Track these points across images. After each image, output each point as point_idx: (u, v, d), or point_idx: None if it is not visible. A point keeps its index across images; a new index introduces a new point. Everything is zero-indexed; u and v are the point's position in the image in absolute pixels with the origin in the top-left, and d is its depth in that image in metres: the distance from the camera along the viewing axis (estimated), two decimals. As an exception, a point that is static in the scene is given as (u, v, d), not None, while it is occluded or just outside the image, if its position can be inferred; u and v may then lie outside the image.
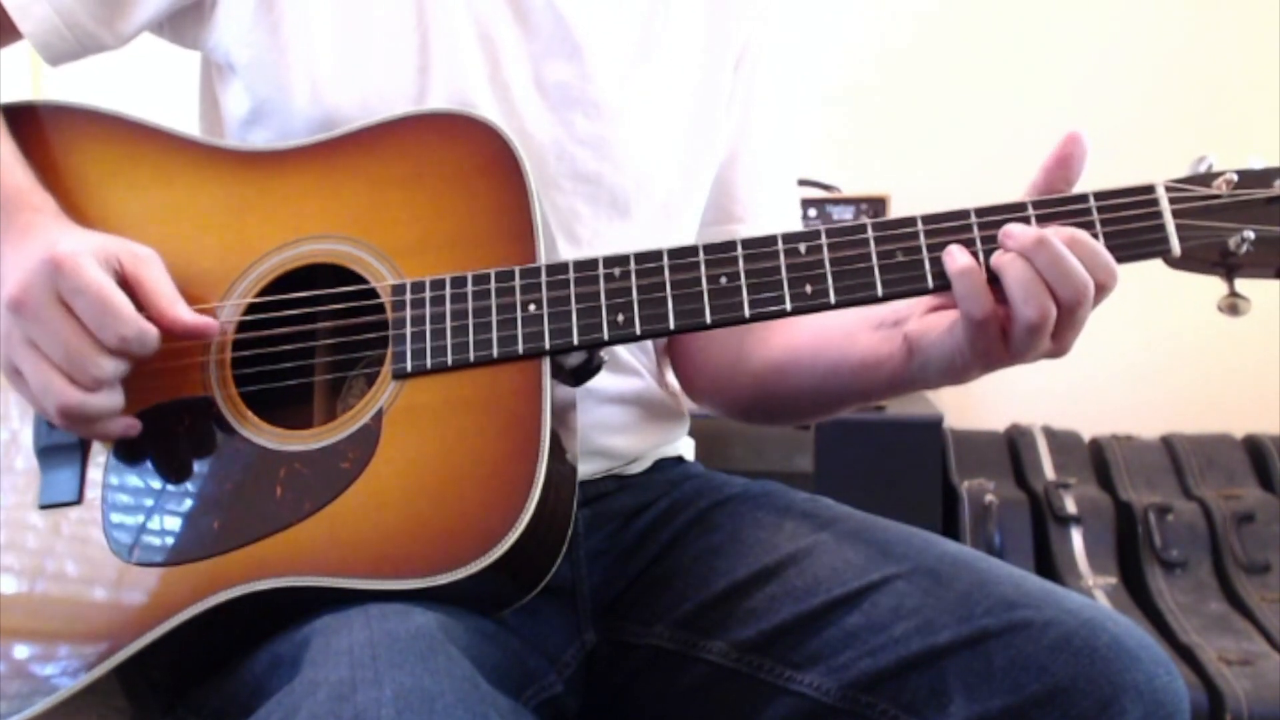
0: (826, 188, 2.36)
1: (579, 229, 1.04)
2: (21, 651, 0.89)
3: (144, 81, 1.78)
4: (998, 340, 0.86)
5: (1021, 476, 2.44)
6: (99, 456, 0.93)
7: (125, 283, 0.87)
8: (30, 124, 1.01)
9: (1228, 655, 2.02)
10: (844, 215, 2.36)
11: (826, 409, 1.10)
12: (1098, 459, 2.48)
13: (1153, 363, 2.63)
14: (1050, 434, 2.51)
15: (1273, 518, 2.29)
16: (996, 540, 2.26)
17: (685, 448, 1.18)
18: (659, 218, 1.08)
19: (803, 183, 2.34)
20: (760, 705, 0.95)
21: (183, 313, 0.89)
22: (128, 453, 0.93)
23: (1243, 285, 0.87)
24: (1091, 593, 2.20)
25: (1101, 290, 0.84)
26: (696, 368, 1.16)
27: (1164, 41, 2.62)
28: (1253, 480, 2.41)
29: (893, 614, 0.91)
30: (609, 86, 1.05)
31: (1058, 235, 0.83)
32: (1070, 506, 2.31)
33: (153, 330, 0.87)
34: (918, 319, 0.93)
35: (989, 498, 2.30)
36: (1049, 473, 2.43)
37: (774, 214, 1.15)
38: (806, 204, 2.32)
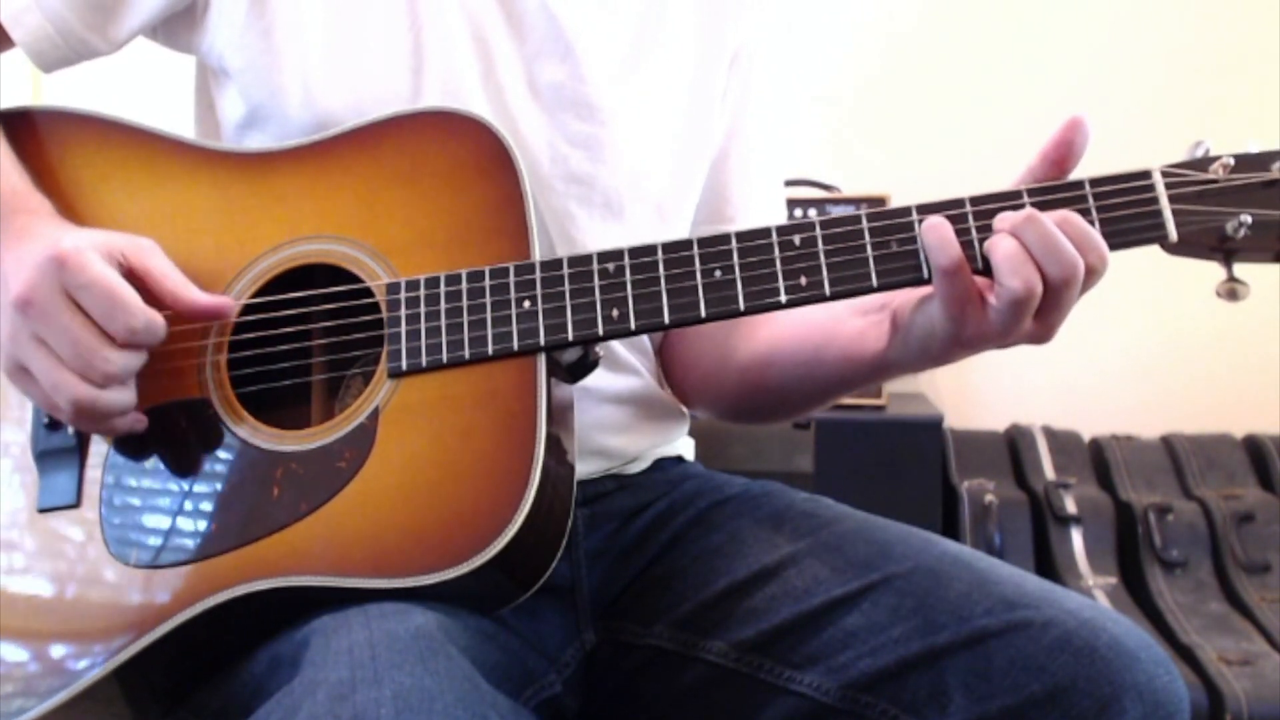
0: (826, 187, 2.36)
1: (572, 231, 1.04)
2: (21, 655, 0.89)
3: (142, 86, 1.78)
4: (976, 307, 0.84)
5: (1021, 476, 2.44)
6: (97, 459, 0.93)
7: (131, 275, 0.88)
8: (26, 129, 1.01)
9: (1228, 655, 2.02)
10: (843, 215, 2.35)
11: (814, 399, 1.09)
12: (1098, 459, 2.47)
13: (1153, 363, 2.63)
14: (1050, 434, 2.50)
15: (1273, 518, 2.29)
16: (996, 540, 2.25)
17: (685, 448, 1.18)
18: (652, 219, 1.08)
19: (802, 182, 2.34)
20: (760, 705, 0.95)
21: (196, 295, 0.90)
22: (125, 455, 0.93)
23: (1241, 270, 0.87)
24: (1091, 593, 2.19)
25: (1091, 274, 0.83)
26: (685, 368, 1.16)
27: (1161, 34, 2.61)
28: (1253, 480, 2.40)
29: (893, 614, 0.90)
30: (602, 87, 1.05)
31: (1049, 216, 0.83)
32: (1070, 506, 2.31)
33: (160, 319, 0.87)
34: (902, 298, 0.92)
35: (989, 498, 2.29)
36: (1049, 473, 2.43)
37: (765, 213, 1.15)
38: (806, 204, 2.31)
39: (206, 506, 0.90)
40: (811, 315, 1.03)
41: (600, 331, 0.88)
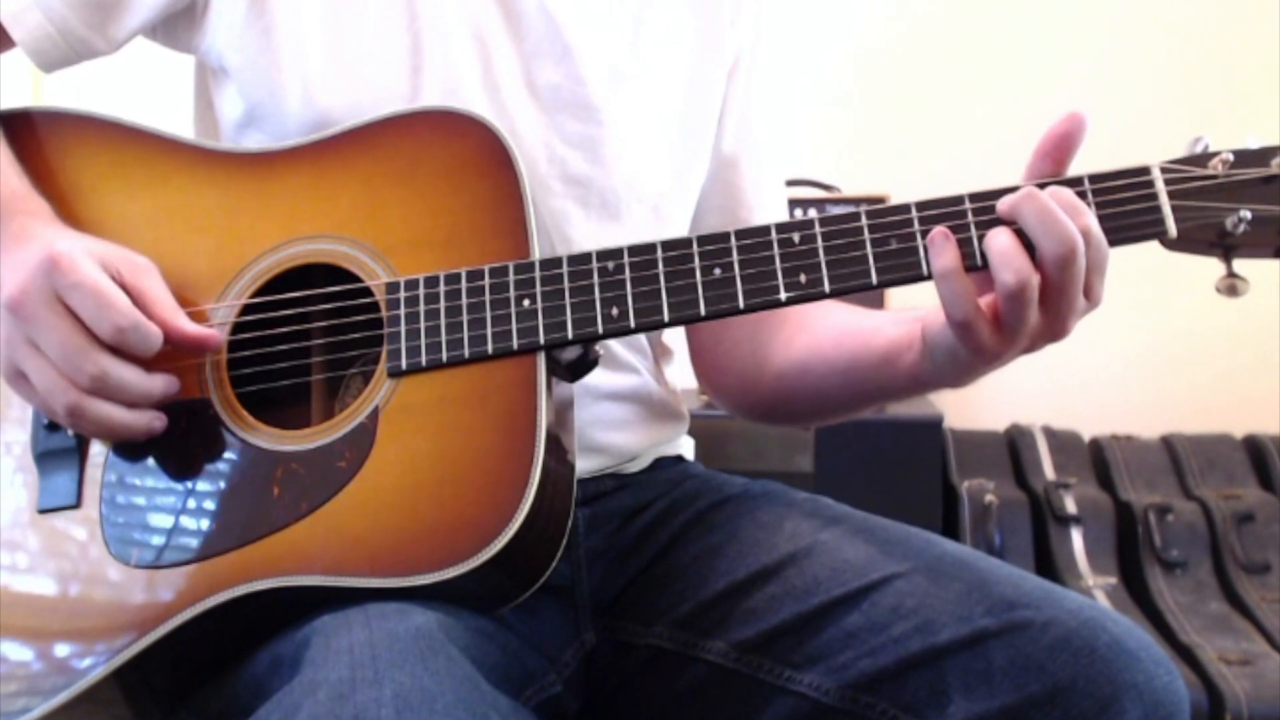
0: (826, 188, 2.36)
1: (570, 232, 1.04)
2: (23, 655, 0.89)
3: (142, 86, 1.78)
4: (990, 333, 0.85)
5: (1021, 476, 2.44)
6: (97, 459, 0.93)
7: (125, 291, 0.87)
8: (25, 129, 1.01)
9: (1228, 655, 2.02)
10: (843, 215, 2.35)
11: (851, 406, 1.10)
12: (1098, 459, 2.48)
13: (1153, 363, 2.63)
14: (1050, 434, 2.50)
15: (1273, 518, 2.29)
16: (996, 540, 2.25)
17: (685, 447, 1.18)
18: (650, 220, 1.08)
19: (802, 182, 2.34)
20: (760, 705, 0.95)
21: (185, 323, 0.89)
22: (126, 455, 0.93)
23: (1241, 267, 0.87)
24: (1091, 593, 2.19)
25: (1089, 241, 0.82)
26: (722, 373, 1.16)
27: (1161, 34, 2.62)
28: (1253, 480, 2.40)
29: (892, 614, 0.90)
30: (600, 89, 1.05)
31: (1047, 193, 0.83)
32: (1070, 506, 2.31)
33: (151, 325, 0.87)
34: (934, 311, 0.93)
35: (989, 498, 2.29)
36: (1049, 473, 2.43)
37: (778, 214, 1.16)
38: (806, 204, 2.32)
39: (207, 506, 0.89)
40: (851, 324, 1.04)
41: (600, 330, 0.88)
